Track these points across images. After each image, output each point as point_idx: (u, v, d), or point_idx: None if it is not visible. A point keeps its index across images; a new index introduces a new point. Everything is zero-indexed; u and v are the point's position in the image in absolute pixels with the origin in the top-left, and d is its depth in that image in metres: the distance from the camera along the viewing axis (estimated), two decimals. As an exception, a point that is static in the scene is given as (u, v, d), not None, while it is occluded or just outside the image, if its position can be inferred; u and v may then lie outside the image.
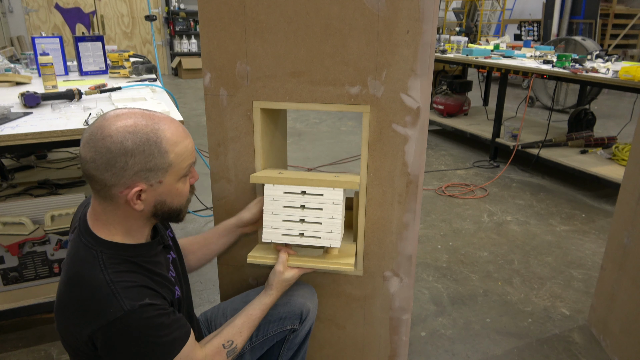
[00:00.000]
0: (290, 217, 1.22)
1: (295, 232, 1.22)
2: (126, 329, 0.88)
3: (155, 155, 0.90)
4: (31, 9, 7.64)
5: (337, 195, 1.20)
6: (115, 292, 0.88)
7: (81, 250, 0.94)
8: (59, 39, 2.55)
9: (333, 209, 1.21)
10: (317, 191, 1.21)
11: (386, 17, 1.18)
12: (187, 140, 0.96)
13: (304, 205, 1.22)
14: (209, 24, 1.26)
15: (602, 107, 6.45)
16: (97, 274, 0.90)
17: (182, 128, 0.97)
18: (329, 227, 1.21)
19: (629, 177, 1.77)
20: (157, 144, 0.90)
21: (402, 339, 1.49)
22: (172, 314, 0.95)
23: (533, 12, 8.75)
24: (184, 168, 0.96)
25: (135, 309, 0.88)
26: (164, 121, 0.93)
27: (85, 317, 0.89)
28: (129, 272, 0.93)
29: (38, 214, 1.81)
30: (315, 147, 4.49)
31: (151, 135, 0.90)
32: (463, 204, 3.21)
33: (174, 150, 0.92)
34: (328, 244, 1.21)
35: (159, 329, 0.91)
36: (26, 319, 1.93)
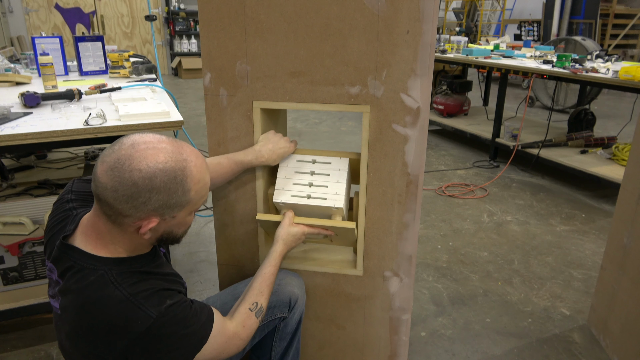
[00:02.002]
0: (300, 181, 1.35)
1: (303, 194, 1.33)
2: (159, 333, 0.90)
3: (178, 193, 0.89)
4: (31, 9, 7.64)
5: (343, 163, 1.35)
6: (138, 304, 0.88)
7: (86, 274, 0.91)
8: (59, 39, 2.55)
9: (339, 175, 1.34)
10: (326, 160, 1.36)
11: (386, 17, 1.18)
12: (207, 176, 0.96)
13: (314, 172, 1.36)
14: (209, 24, 1.26)
15: (602, 107, 6.45)
16: (112, 291, 0.89)
17: (203, 162, 0.95)
18: (334, 189, 1.32)
19: (629, 177, 1.77)
20: (183, 183, 0.89)
21: (402, 339, 1.49)
22: (192, 303, 0.98)
23: (533, 12, 8.75)
24: (199, 204, 0.96)
25: (162, 313, 0.90)
26: (191, 156, 0.92)
27: (113, 335, 0.88)
28: (141, 281, 0.93)
29: (38, 214, 1.81)
30: (315, 147, 4.48)
31: (179, 174, 0.88)
32: (463, 204, 3.21)
33: (195, 189, 0.92)
34: (332, 204, 1.30)
35: (187, 322, 0.94)
36: (26, 319, 1.93)
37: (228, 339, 1.03)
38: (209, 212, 3.02)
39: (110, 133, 1.50)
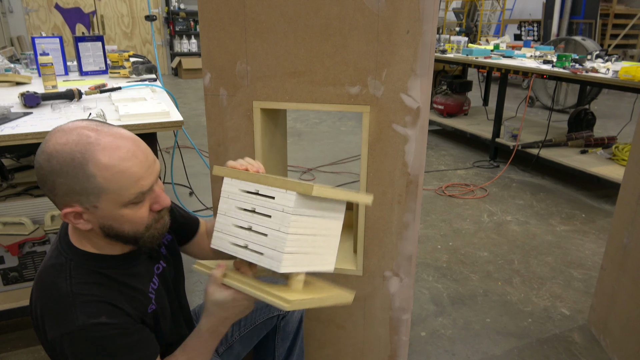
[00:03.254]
0: (241, 221, 0.97)
1: (241, 242, 0.96)
2: (77, 345, 0.85)
3: (80, 178, 0.82)
4: (31, 9, 7.64)
5: (288, 200, 0.88)
6: (73, 305, 0.85)
7: (54, 256, 0.92)
8: (59, 39, 2.55)
9: (281, 219, 0.89)
10: (269, 192, 0.92)
11: (386, 17, 1.18)
12: (127, 164, 0.83)
13: (255, 209, 0.95)
14: (209, 24, 1.26)
15: (602, 107, 6.45)
16: (61, 282, 0.87)
17: (125, 150, 0.84)
18: (274, 243, 0.89)
19: (629, 177, 1.77)
20: (82, 166, 0.81)
21: (402, 339, 1.49)
22: (136, 333, 0.91)
23: (533, 12, 8.75)
24: (125, 195, 0.85)
25: (87, 326, 0.84)
26: (104, 140, 0.83)
27: (46, 324, 0.87)
28: (94, 284, 0.89)
29: (38, 214, 1.81)
30: (315, 147, 4.49)
31: (77, 156, 0.81)
32: (463, 204, 3.21)
33: (102, 175, 0.82)
34: (268, 265, 0.89)
35: (114, 350, 0.87)
36: (26, 319, 1.93)
37: None
38: (209, 212, 3.02)
39: (110, 133, 1.50)
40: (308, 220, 0.92)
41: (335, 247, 0.98)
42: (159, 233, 0.95)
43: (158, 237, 0.96)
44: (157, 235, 0.95)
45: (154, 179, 0.89)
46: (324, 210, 0.94)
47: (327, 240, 0.96)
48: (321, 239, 0.95)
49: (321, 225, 0.94)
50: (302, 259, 0.92)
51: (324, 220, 0.95)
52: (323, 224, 0.95)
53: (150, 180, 0.88)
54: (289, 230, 0.88)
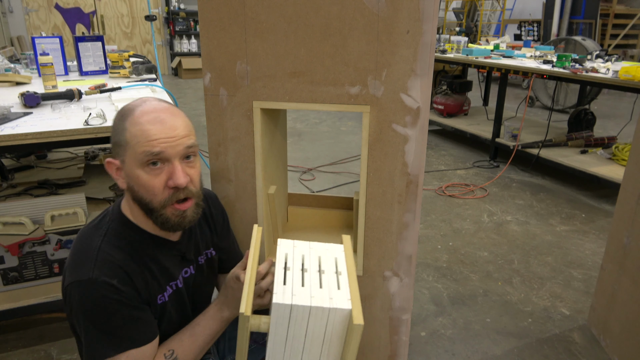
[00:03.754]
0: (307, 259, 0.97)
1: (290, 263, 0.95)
2: (83, 294, 0.89)
3: (119, 130, 0.93)
4: (31, 9, 7.64)
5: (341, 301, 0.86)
6: (95, 259, 0.91)
7: (102, 216, 1.01)
8: (59, 39, 2.55)
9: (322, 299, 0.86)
10: (343, 284, 0.91)
11: (386, 17, 1.18)
12: (151, 124, 0.90)
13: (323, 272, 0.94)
14: (209, 24, 1.26)
15: (602, 107, 6.44)
16: (95, 237, 0.95)
17: (157, 113, 0.92)
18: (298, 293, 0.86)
19: (629, 177, 1.77)
20: (122, 120, 0.93)
21: (402, 339, 1.49)
22: (138, 310, 0.93)
23: (533, 12, 8.75)
24: (138, 153, 0.90)
25: (98, 281, 0.89)
26: (147, 105, 0.94)
27: (69, 267, 0.93)
28: (120, 249, 0.95)
29: (38, 214, 1.81)
30: (315, 147, 4.49)
31: (125, 113, 0.94)
32: (463, 204, 3.21)
33: (129, 130, 0.91)
34: (274, 292, 0.86)
35: (112, 313, 0.90)
36: (26, 319, 1.93)
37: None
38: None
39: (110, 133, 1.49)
40: (319, 333, 0.87)
41: None
42: (174, 221, 0.96)
43: (172, 225, 0.96)
44: (170, 221, 0.95)
45: (172, 150, 0.92)
46: (330, 353, 0.90)
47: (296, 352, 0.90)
48: (298, 353, 0.90)
49: (312, 353, 0.90)
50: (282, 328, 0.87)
51: (318, 356, 0.90)
52: (313, 355, 0.90)
53: (164, 147, 0.91)
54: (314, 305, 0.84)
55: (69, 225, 1.83)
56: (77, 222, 1.84)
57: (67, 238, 1.80)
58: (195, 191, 0.97)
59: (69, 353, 1.76)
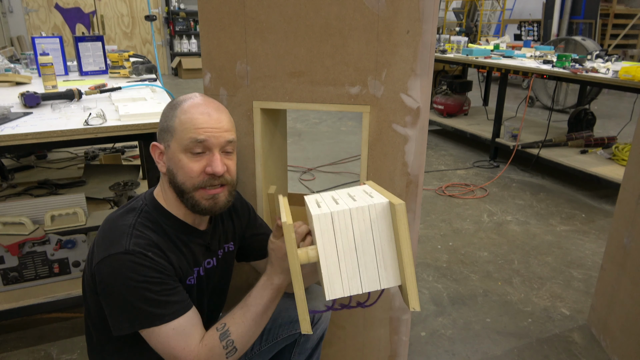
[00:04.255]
0: (337, 195, 1.00)
1: (320, 200, 0.97)
2: (117, 265, 0.91)
3: (169, 117, 1.02)
4: (31, 9, 7.64)
5: (377, 199, 0.90)
6: (129, 234, 0.95)
7: (135, 200, 1.06)
8: (59, 39, 2.55)
9: (358, 203, 0.89)
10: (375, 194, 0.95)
11: (386, 17, 1.18)
12: (199, 115, 0.99)
13: (354, 196, 0.96)
14: (209, 24, 1.26)
15: (602, 107, 6.45)
16: (129, 218, 0.99)
17: (206, 106, 1.01)
18: (334, 207, 0.89)
19: (629, 177, 1.77)
20: (173, 109, 1.02)
21: (402, 339, 1.49)
22: (174, 281, 0.96)
23: (533, 12, 8.75)
24: (184, 138, 0.98)
25: (133, 251, 0.92)
26: (197, 99, 1.03)
27: (99, 247, 0.96)
28: (153, 231, 0.99)
29: (38, 214, 1.81)
30: (315, 147, 4.49)
31: (176, 103, 1.03)
32: (463, 204, 3.21)
33: (179, 117, 1.00)
34: (311, 211, 0.89)
35: (152, 284, 0.92)
36: (26, 319, 1.93)
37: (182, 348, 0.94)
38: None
39: (110, 133, 1.50)
40: (367, 234, 0.89)
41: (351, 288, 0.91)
42: (204, 205, 1.01)
43: (202, 209, 1.02)
44: (201, 205, 1.01)
45: (215, 139, 0.99)
46: (385, 251, 0.90)
47: (355, 273, 0.90)
48: (354, 263, 0.90)
49: (368, 257, 0.90)
50: (330, 242, 0.88)
51: (374, 258, 0.90)
52: (369, 259, 0.90)
53: (209, 136, 0.98)
54: (352, 207, 0.87)
55: (69, 225, 1.83)
56: (77, 222, 1.85)
57: (67, 238, 1.80)
58: (230, 179, 1.04)
59: (69, 353, 1.76)
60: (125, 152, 2.98)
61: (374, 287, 0.90)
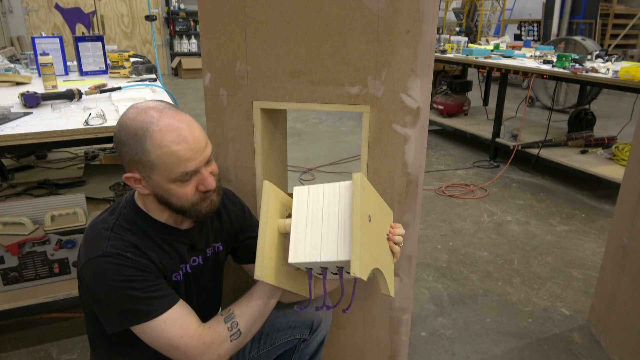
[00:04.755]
0: None
1: None
2: (98, 268, 0.93)
3: (139, 151, 0.94)
4: (31, 9, 7.64)
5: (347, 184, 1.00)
6: (108, 238, 0.96)
7: (116, 204, 1.06)
8: (59, 39, 2.55)
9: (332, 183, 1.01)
10: None
11: (386, 17, 1.18)
12: (178, 147, 0.93)
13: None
14: (209, 24, 1.26)
15: (602, 107, 6.45)
16: (108, 221, 1.00)
17: (177, 135, 0.93)
18: None
19: (629, 177, 1.77)
20: (142, 142, 0.93)
21: (402, 339, 1.49)
22: (155, 277, 0.97)
23: (533, 12, 8.75)
24: (172, 172, 0.94)
25: (111, 253, 0.93)
26: (163, 122, 0.93)
27: (82, 251, 0.97)
28: (131, 232, 0.99)
29: (38, 214, 1.81)
30: (315, 147, 4.49)
31: (139, 132, 0.93)
32: (463, 204, 3.21)
33: (155, 153, 0.93)
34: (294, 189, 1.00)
35: (132, 281, 0.93)
36: (26, 319, 1.93)
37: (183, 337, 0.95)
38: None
39: (110, 133, 1.50)
40: (334, 206, 0.99)
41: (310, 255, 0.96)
42: (205, 210, 1.03)
43: (204, 214, 1.04)
44: (203, 212, 1.03)
45: (201, 162, 0.98)
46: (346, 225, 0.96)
47: (317, 242, 0.96)
48: (318, 232, 0.97)
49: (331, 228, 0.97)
50: (302, 212, 1.00)
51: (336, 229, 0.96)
52: (331, 230, 0.96)
53: (196, 163, 0.96)
54: (326, 184, 1.01)
55: (69, 225, 1.83)
56: (77, 222, 1.85)
57: (67, 238, 1.80)
58: (217, 185, 1.05)
59: (69, 353, 1.76)
60: (125, 152, 2.97)
61: (331, 257, 0.95)
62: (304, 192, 1.01)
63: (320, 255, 0.95)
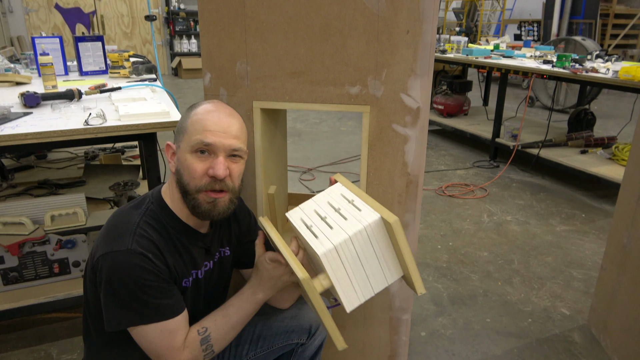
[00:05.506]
0: (321, 210, 1.09)
1: (309, 222, 1.07)
2: (118, 263, 0.93)
3: (184, 118, 1.06)
4: (31, 9, 7.64)
5: (370, 217, 0.99)
6: (133, 233, 0.97)
7: (142, 197, 1.08)
8: (59, 39, 2.55)
9: (353, 225, 0.99)
10: (361, 205, 1.05)
11: (386, 17, 1.18)
12: (210, 117, 1.02)
13: (340, 209, 1.07)
14: (209, 24, 1.26)
15: (602, 107, 6.45)
16: (134, 214, 1.01)
17: (219, 111, 1.04)
18: (332, 236, 0.98)
19: (629, 177, 1.77)
20: (190, 110, 1.06)
21: (402, 339, 1.49)
22: (168, 284, 0.98)
23: (533, 12, 8.75)
24: (192, 139, 1.00)
25: (134, 251, 0.94)
26: (213, 104, 1.07)
27: (103, 240, 0.98)
28: (156, 230, 1.01)
29: (38, 214, 1.81)
30: (315, 147, 4.49)
31: (194, 105, 1.07)
32: (463, 204, 3.21)
33: (192, 118, 1.03)
34: (314, 246, 0.97)
35: (145, 285, 0.94)
36: (26, 319, 1.93)
37: (167, 349, 0.98)
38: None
39: (110, 133, 1.50)
40: (368, 246, 0.99)
41: (364, 294, 1.01)
42: (206, 207, 1.02)
43: (204, 211, 1.03)
44: (203, 207, 1.02)
45: (221, 144, 1.01)
46: (385, 255, 1.02)
47: (365, 283, 1.01)
48: (363, 276, 1.00)
49: (372, 264, 1.01)
50: (339, 269, 0.98)
51: (377, 263, 1.01)
52: (374, 265, 1.01)
53: (216, 140, 1.00)
54: (351, 234, 0.97)
55: (69, 225, 1.83)
56: (77, 222, 1.85)
57: (67, 238, 1.80)
58: (231, 186, 1.05)
59: (68, 353, 1.76)
60: (125, 152, 2.98)
61: (382, 285, 1.01)
62: (334, 255, 0.96)
63: (373, 290, 1.01)
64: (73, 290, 1.79)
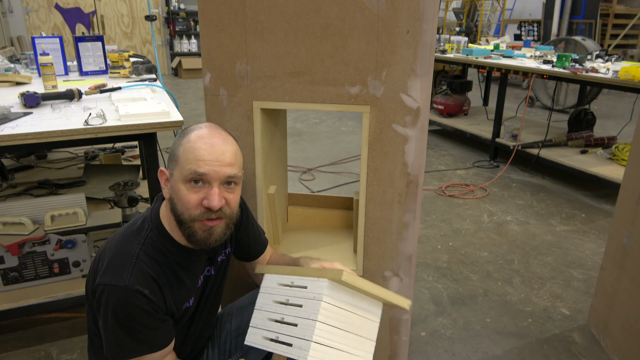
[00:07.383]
0: (274, 314, 0.99)
1: (273, 335, 0.96)
2: (115, 298, 0.94)
3: (176, 144, 1.02)
4: (31, 9, 7.64)
5: (319, 287, 0.91)
6: (132, 266, 0.96)
7: (142, 219, 1.05)
8: (59, 39, 2.55)
9: (312, 306, 0.89)
10: (302, 282, 0.96)
11: (386, 17, 1.18)
12: (203, 145, 0.98)
13: (288, 300, 0.98)
14: (209, 24, 1.26)
15: (602, 107, 6.44)
16: (134, 243, 1.00)
17: (211, 137, 0.99)
18: (303, 332, 0.88)
19: (629, 177, 1.77)
20: (182, 136, 1.02)
21: (402, 339, 1.49)
22: (160, 320, 0.99)
23: (533, 12, 8.74)
24: (185, 169, 0.97)
25: (132, 289, 0.94)
26: (206, 130, 1.01)
27: (102, 269, 0.97)
28: (155, 261, 1.00)
29: (38, 214, 1.81)
30: (315, 147, 4.49)
31: (187, 129, 1.03)
32: (463, 204, 3.21)
33: (184, 146, 0.99)
34: (296, 356, 0.87)
35: (139, 321, 0.95)
36: (26, 319, 1.93)
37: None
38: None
39: (110, 133, 1.50)
40: (339, 311, 0.92)
41: (369, 352, 0.97)
42: (202, 235, 1.00)
43: (200, 239, 1.01)
44: (199, 235, 1.00)
45: (215, 173, 0.98)
46: (357, 305, 0.96)
47: (360, 341, 0.96)
48: (354, 338, 0.95)
49: (354, 321, 0.95)
50: (332, 355, 0.90)
51: (357, 317, 0.96)
52: (356, 321, 0.95)
53: (209, 169, 0.97)
54: (319, 318, 0.88)
55: (69, 225, 1.83)
56: (77, 222, 1.85)
57: (67, 238, 1.80)
58: (229, 213, 1.02)
59: (68, 353, 1.76)
60: (125, 152, 2.98)
61: (375, 329, 0.99)
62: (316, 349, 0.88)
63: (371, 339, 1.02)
64: (73, 290, 1.79)
